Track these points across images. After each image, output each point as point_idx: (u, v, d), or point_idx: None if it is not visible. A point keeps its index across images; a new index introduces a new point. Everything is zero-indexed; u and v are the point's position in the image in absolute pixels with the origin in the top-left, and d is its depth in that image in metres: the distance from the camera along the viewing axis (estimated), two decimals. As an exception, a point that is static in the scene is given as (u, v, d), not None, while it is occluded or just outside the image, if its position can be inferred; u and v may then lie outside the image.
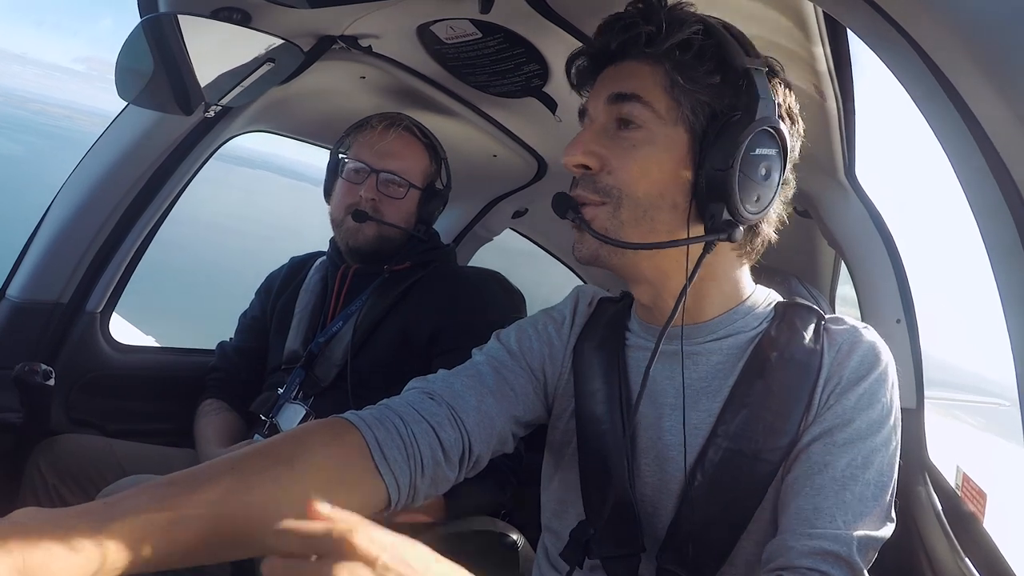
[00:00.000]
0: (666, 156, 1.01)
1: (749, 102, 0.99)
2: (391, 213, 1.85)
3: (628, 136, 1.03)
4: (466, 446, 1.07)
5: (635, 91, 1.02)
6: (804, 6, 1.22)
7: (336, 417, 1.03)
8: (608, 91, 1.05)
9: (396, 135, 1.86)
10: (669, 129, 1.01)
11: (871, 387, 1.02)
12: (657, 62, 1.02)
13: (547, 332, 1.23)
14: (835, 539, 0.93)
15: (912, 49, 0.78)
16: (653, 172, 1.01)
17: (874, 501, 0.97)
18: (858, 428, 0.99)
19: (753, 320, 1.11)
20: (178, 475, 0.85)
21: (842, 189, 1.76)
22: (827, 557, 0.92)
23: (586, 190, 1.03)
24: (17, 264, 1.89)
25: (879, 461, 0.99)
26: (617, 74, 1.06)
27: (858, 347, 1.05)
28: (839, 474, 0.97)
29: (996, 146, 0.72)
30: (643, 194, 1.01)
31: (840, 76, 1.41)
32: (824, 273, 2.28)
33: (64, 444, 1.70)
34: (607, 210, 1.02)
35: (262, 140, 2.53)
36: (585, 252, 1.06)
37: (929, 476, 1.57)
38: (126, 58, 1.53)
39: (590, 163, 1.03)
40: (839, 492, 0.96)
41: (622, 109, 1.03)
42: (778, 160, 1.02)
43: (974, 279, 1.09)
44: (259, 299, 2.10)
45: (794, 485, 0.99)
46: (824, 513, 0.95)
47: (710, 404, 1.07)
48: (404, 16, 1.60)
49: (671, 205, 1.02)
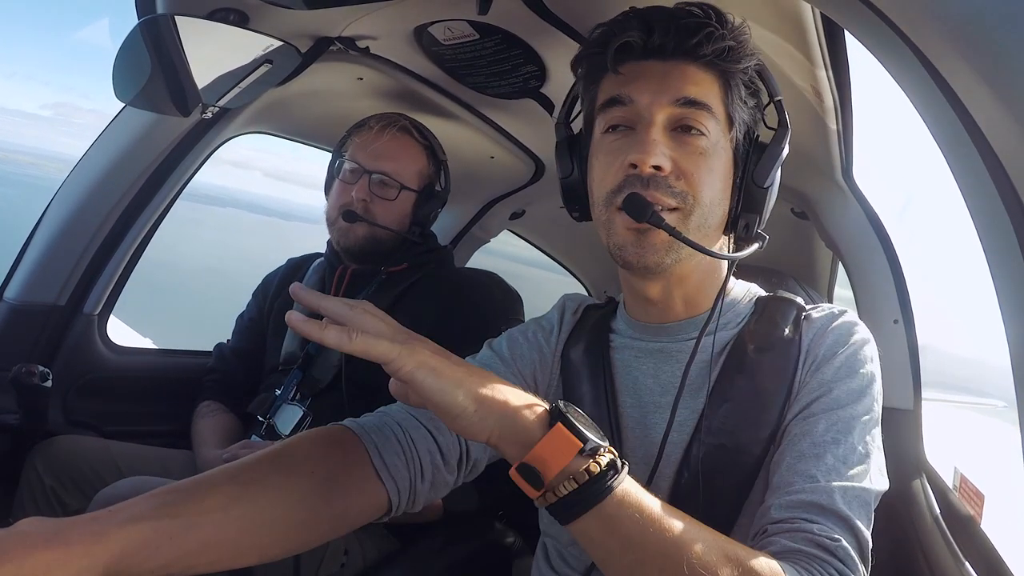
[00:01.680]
0: (722, 167, 1.05)
1: (781, 129, 1.07)
2: (382, 214, 1.85)
3: (694, 142, 1.03)
4: (463, 450, 1.08)
5: (707, 100, 1.03)
6: (801, 7, 1.23)
7: (335, 424, 1.04)
8: (677, 93, 1.03)
9: (391, 136, 1.87)
10: (724, 141, 1.05)
11: (848, 360, 1.03)
12: (721, 75, 1.06)
13: (537, 340, 1.25)
14: (814, 491, 0.91)
15: (909, 51, 0.78)
16: (716, 181, 1.05)
17: (859, 464, 0.94)
18: (837, 397, 0.99)
19: (735, 317, 1.14)
20: (179, 484, 0.85)
21: (839, 191, 1.76)
22: (808, 507, 0.90)
23: (663, 193, 1.01)
24: (14, 266, 1.89)
25: (861, 428, 0.97)
26: (679, 75, 1.04)
27: (834, 325, 1.07)
28: (818, 439, 0.96)
29: (994, 147, 0.72)
30: (708, 201, 1.04)
31: (837, 78, 1.41)
32: (821, 274, 2.28)
33: (61, 445, 1.70)
34: (679, 216, 1.02)
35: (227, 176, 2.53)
36: (650, 258, 1.03)
37: (927, 477, 1.57)
38: (124, 59, 1.53)
39: (667, 166, 1.01)
40: (819, 455, 0.94)
41: (691, 114, 1.03)
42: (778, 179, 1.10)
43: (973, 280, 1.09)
44: (256, 301, 2.10)
45: (776, 459, 0.99)
46: (802, 473, 0.93)
47: (693, 401, 1.08)
48: (401, 17, 1.60)
49: (721, 214, 1.07)
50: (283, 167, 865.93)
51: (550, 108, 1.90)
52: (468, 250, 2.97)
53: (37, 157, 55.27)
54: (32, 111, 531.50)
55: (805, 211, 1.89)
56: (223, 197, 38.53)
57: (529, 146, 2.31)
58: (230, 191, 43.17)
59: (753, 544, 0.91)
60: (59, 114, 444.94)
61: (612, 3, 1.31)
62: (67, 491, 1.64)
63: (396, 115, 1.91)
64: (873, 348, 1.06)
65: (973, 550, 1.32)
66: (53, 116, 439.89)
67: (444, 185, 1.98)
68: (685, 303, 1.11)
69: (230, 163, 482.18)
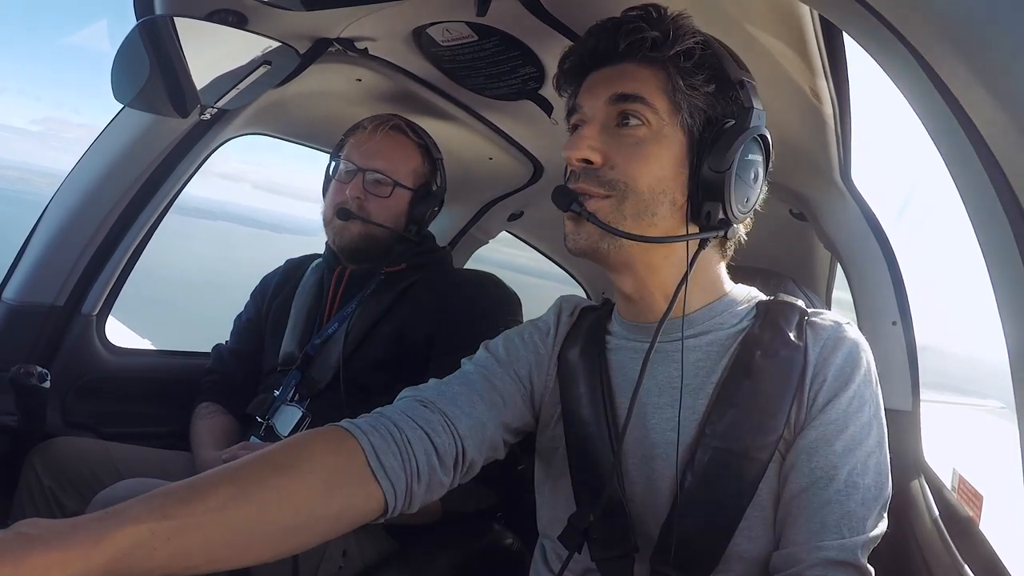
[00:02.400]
0: (667, 154, 1.06)
1: (742, 111, 1.06)
2: (377, 212, 1.86)
3: (631, 133, 1.07)
4: (460, 451, 1.09)
5: (639, 92, 1.06)
6: (800, 9, 1.23)
7: (332, 425, 1.04)
8: (610, 91, 1.09)
9: (384, 134, 1.88)
10: (669, 129, 1.06)
11: (859, 389, 1.04)
12: (660, 67, 1.08)
13: (533, 341, 1.26)
14: (841, 548, 0.96)
15: (907, 52, 0.78)
16: (655, 168, 1.05)
17: (875, 502, 1.00)
18: (853, 434, 1.02)
19: (732, 317, 1.14)
20: (177, 484, 0.85)
21: (838, 192, 1.76)
22: (836, 566, 0.95)
23: (589, 183, 1.07)
24: (13, 267, 1.89)
25: (875, 463, 1.02)
26: (617, 75, 1.10)
27: (842, 345, 1.07)
28: (842, 485, 0.99)
29: (992, 149, 0.72)
30: (646, 189, 1.05)
31: (836, 79, 1.41)
32: (820, 275, 2.28)
33: (60, 447, 1.69)
34: (611, 203, 1.06)
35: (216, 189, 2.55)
36: (583, 243, 1.09)
37: (925, 478, 1.57)
38: (123, 60, 1.53)
39: (594, 158, 1.07)
40: (843, 503, 0.98)
41: (625, 108, 1.07)
42: (763, 166, 1.10)
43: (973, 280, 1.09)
44: (254, 301, 2.10)
45: (801, 497, 1.01)
46: (831, 527, 0.97)
47: (694, 402, 1.08)
48: (400, 19, 1.60)
49: (671, 202, 1.06)
50: (273, 179, 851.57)
51: (549, 109, 1.90)
52: (467, 251, 2.97)
53: (26, 172, 55.20)
54: (21, 126, 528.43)
55: (803, 212, 1.89)
56: (213, 210, 38.48)
57: (528, 147, 2.31)
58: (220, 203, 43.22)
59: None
60: (49, 129, 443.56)
61: (609, 4, 1.31)
62: (66, 493, 1.64)
63: (390, 115, 1.92)
64: (874, 368, 1.09)
65: (972, 551, 1.32)
66: (43, 131, 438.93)
67: (440, 184, 1.98)
68: (666, 299, 1.10)
69: (219, 175, 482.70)
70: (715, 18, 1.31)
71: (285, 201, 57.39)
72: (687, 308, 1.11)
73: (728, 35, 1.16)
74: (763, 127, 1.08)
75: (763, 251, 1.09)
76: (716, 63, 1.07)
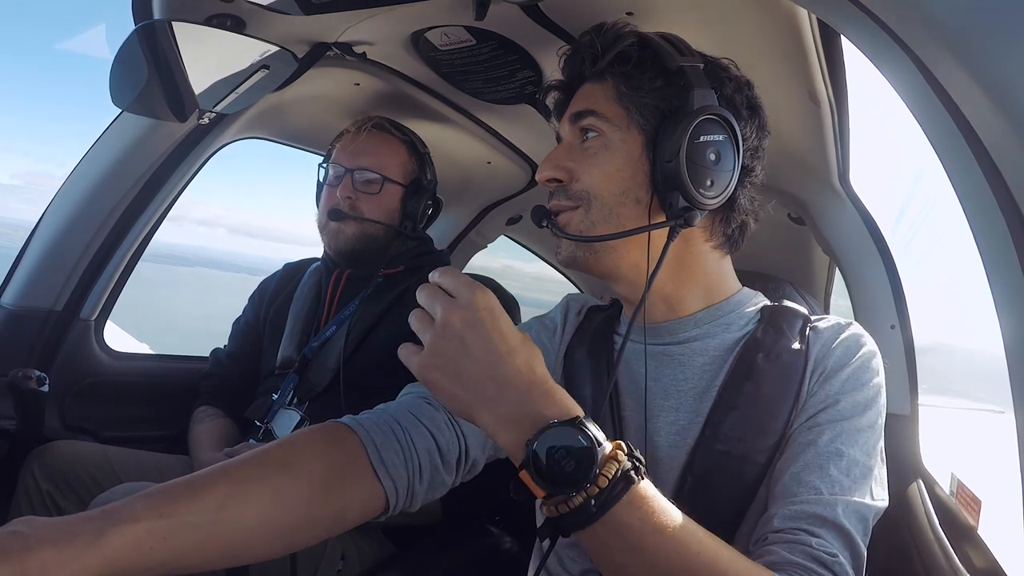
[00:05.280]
0: (623, 157, 1.08)
1: (685, 95, 1.06)
2: (370, 209, 1.87)
3: (588, 146, 1.11)
4: (462, 450, 1.08)
5: (588, 107, 1.12)
6: (798, 12, 1.23)
7: (333, 422, 1.03)
8: (569, 112, 1.15)
9: (368, 134, 1.90)
10: (623, 133, 1.09)
11: (855, 372, 1.03)
12: (603, 78, 1.12)
13: (540, 340, 1.26)
14: (817, 503, 0.92)
15: (906, 55, 0.79)
16: (613, 173, 1.08)
17: (862, 479, 0.96)
18: (842, 408, 1.00)
19: (738, 319, 1.13)
20: (174, 482, 0.85)
21: (836, 196, 1.76)
22: (810, 519, 0.91)
23: (560, 199, 1.11)
24: (11, 272, 1.89)
25: (865, 441, 0.99)
26: (579, 97, 1.15)
27: (842, 338, 1.07)
28: (823, 449, 0.97)
29: (990, 152, 0.72)
30: (608, 194, 1.08)
31: (834, 83, 1.42)
32: (818, 279, 2.28)
33: (58, 450, 1.69)
34: (579, 213, 1.09)
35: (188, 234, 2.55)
36: (564, 255, 1.13)
37: (924, 483, 1.57)
38: (121, 65, 1.53)
39: (560, 176, 1.11)
40: (823, 467, 0.95)
41: (583, 124, 1.12)
42: (729, 145, 1.06)
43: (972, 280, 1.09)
44: (252, 305, 2.10)
45: (780, 467, 0.99)
46: (806, 484, 0.94)
47: (697, 405, 1.08)
48: (398, 23, 1.60)
49: (634, 200, 1.08)
50: (249, 222, 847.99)
51: (547, 113, 1.89)
52: (465, 255, 2.97)
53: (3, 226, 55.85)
54: (3, 182, 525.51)
55: (801, 216, 1.89)
56: (188, 256, 38.63)
57: (526, 151, 2.31)
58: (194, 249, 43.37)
59: (752, 551, 0.92)
60: (30, 183, 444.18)
61: (607, 8, 1.31)
62: (64, 496, 1.64)
63: (372, 116, 1.94)
64: (879, 361, 1.07)
65: (970, 556, 1.32)
66: (23, 185, 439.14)
67: (430, 177, 2.00)
68: (664, 300, 1.12)
69: (195, 221, 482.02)
70: (712, 22, 1.31)
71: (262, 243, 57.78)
72: (685, 308, 1.12)
73: (726, 40, 1.16)
74: (718, 106, 1.05)
75: (761, 255, 1.09)
76: (655, 58, 1.09)
